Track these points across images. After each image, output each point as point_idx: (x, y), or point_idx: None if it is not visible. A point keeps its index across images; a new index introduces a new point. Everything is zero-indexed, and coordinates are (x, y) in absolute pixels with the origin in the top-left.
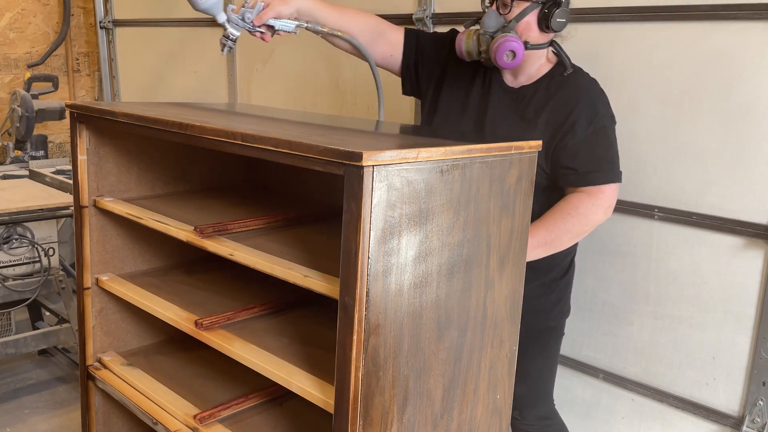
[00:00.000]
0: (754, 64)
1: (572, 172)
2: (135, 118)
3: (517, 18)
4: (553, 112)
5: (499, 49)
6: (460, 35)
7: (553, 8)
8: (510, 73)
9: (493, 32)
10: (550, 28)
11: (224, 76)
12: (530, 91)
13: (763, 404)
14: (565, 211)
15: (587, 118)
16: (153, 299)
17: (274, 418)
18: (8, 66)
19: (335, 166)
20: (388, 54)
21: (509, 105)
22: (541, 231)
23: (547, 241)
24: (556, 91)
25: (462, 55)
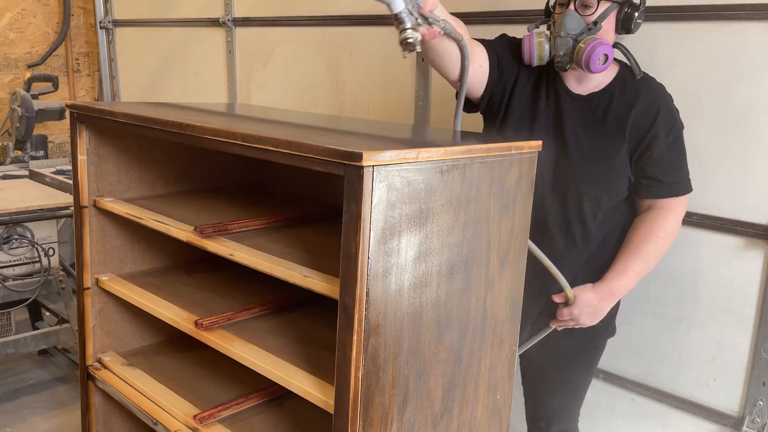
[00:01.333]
0: (754, 64)
1: (657, 184)
2: (135, 118)
3: (600, 19)
4: (636, 120)
5: (593, 54)
6: (528, 39)
7: (634, 10)
8: (575, 79)
9: (577, 35)
10: (629, 30)
11: (224, 76)
12: (604, 98)
13: (763, 404)
14: (655, 235)
15: (667, 126)
16: (153, 299)
17: (274, 418)
18: (8, 66)
19: (335, 166)
20: (477, 65)
21: (584, 114)
22: (638, 262)
23: (643, 272)
24: (636, 98)
25: (531, 60)
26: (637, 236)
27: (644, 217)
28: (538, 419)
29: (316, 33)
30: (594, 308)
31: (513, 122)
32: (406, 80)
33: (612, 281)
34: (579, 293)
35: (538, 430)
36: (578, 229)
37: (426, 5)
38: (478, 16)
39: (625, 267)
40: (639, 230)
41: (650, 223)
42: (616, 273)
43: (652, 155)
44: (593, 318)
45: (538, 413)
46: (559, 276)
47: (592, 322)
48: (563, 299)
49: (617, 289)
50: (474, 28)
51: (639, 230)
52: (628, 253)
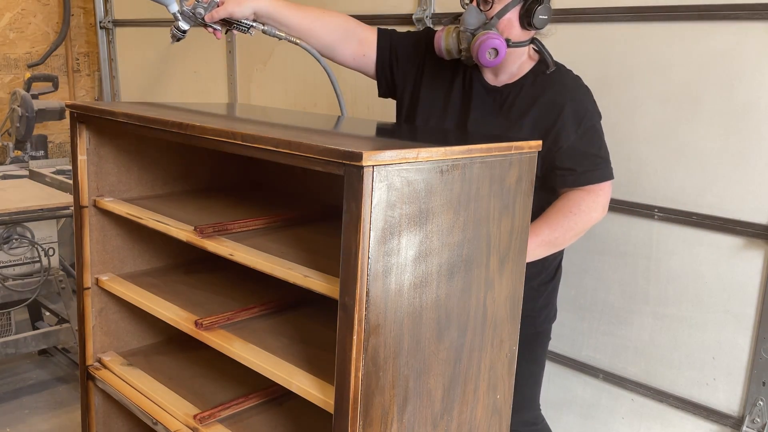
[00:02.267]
0: (754, 64)
1: (569, 173)
2: (135, 118)
3: (499, 15)
4: (540, 112)
5: (481, 47)
6: (438, 33)
7: (535, 5)
8: (491, 72)
9: (474, 29)
10: (532, 25)
11: (224, 76)
12: (514, 90)
13: (763, 404)
14: (567, 209)
15: (577, 118)
16: (153, 299)
17: (274, 418)
18: (8, 66)
19: (335, 166)
20: (360, 53)
21: (492, 104)
22: (545, 229)
23: (551, 240)
24: (543, 91)
25: (441, 54)
26: (550, 210)
27: (561, 197)
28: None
29: None
30: None
31: (423, 110)
32: None
33: None
34: None
35: None
36: None
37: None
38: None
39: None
40: (554, 205)
41: (565, 198)
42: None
43: (561, 147)
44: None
45: None
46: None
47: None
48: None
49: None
50: None
51: (554, 205)
52: (538, 222)
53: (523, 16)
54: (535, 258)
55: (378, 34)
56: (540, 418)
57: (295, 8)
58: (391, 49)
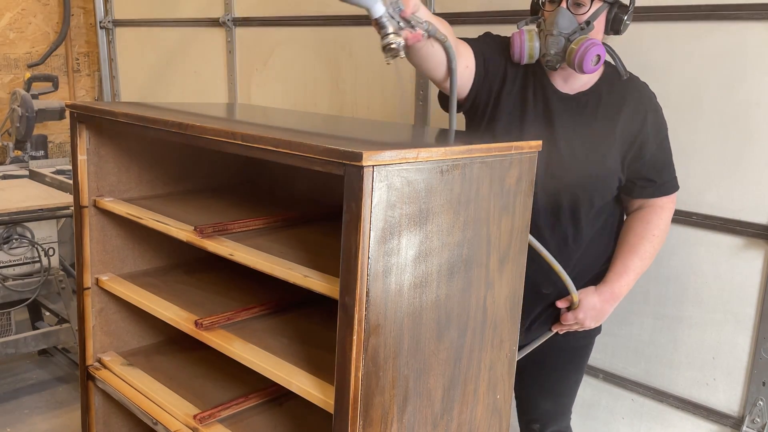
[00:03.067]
0: (754, 64)
1: (651, 184)
2: (135, 118)
3: (592, 19)
4: (625, 121)
5: (586, 54)
6: (517, 36)
7: (624, 11)
8: (561, 78)
9: (569, 34)
10: (619, 31)
11: (224, 76)
12: (592, 98)
13: (763, 404)
14: (651, 233)
15: (656, 127)
16: (153, 299)
17: (274, 418)
18: (8, 66)
19: (335, 166)
20: (464, 65)
21: (573, 114)
22: (637, 261)
23: (641, 271)
24: (624, 99)
25: (521, 58)
26: (632, 236)
27: (637, 217)
28: (531, 421)
29: (316, 33)
30: (598, 311)
31: (503, 123)
32: (406, 80)
33: (614, 283)
34: (582, 297)
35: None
36: (570, 231)
37: (407, 8)
38: (477, 16)
39: (625, 267)
40: (634, 230)
41: (645, 222)
42: (616, 274)
43: (645, 157)
44: (597, 320)
45: (531, 416)
46: (567, 279)
47: (596, 324)
48: (567, 303)
49: (619, 290)
50: (473, 27)
51: (634, 230)
52: (625, 253)
53: (612, 21)
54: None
55: (469, 44)
56: (570, 428)
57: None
58: (485, 59)
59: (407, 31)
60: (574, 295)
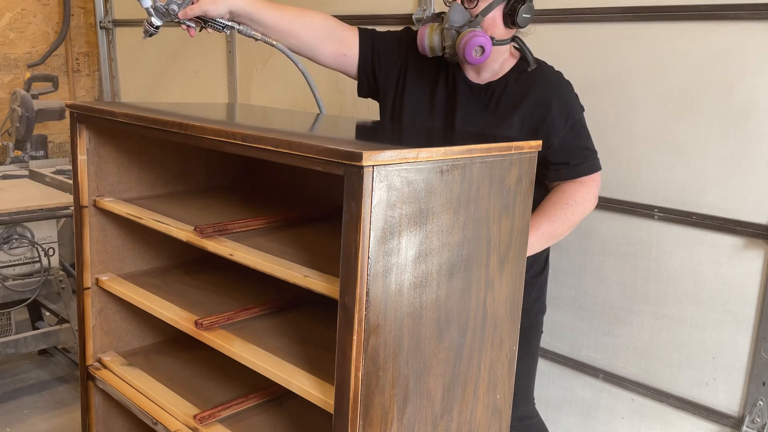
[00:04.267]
0: (754, 64)
1: (563, 167)
2: (135, 118)
3: (483, 13)
4: (528, 110)
5: (467, 45)
6: (421, 30)
7: (519, 4)
8: (473, 70)
9: (460, 27)
10: (516, 23)
11: (224, 76)
12: (499, 87)
13: (763, 404)
14: (563, 201)
15: (564, 113)
16: (153, 299)
17: (274, 418)
18: (8, 66)
19: (335, 166)
20: (341, 53)
21: (477, 102)
22: (544, 222)
23: (550, 233)
24: (528, 88)
25: (424, 51)
26: (546, 203)
27: (555, 189)
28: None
29: None
30: None
31: (409, 109)
32: None
33: None
34: None
35: None
36: None
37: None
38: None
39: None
40: (549, 198)
41: (560, 191)
42: None
43: (552, 144)
44: None
45: None
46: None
47: None
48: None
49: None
50: None
51: (549, 198)
52: (536, 216)
53: (507, 14)
54: (535, 251)
55: (359, 34)
56: (534, 412)
57: (274, 7)
58: (373, 49)
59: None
60: None
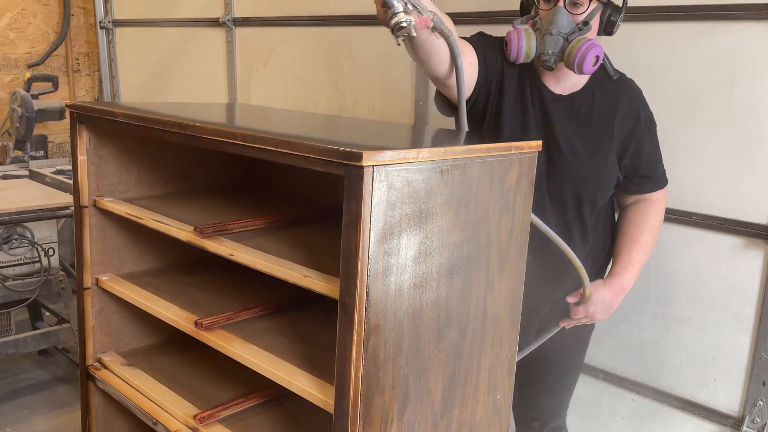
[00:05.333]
0: (754, 64)
1: (648, 180)
2: (135, 118)
3: (588, 19)
4: (621, 122)
5: (587, 55)
6: (515, 35)
7: (618, 12)
8: (553, 79)
9: (567, 34)
10: (612, 32)
11: (224, 76)
12: (585, 99)
13: (763, 404)
14: (651, 225)
15: (648, 124)
16: (153, 299)
17: (274, 418)
18: (8, 66)
19: (335, 166)
20: (468, 62)
21: (569, 114)
22: (640, 253)
23: (644, 261)
24: (617, 99)
25: (517, 57)
26: (633, 228)
27: (635, 210)
28: (530, 419)
29: (316, 33)
30: (608, 303)
31: (508, 125)
32: (406, 80)
33: (622, 275)
34: (592, 290)
35: (532, 430)
36: (578, 232)
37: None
38: (477, 16)
39: (630, 259)
40: (634, 222)
41: (644, 214)
42: (623, 266)
43: (642, 155)
44: (607, 313)
45: (530, 414)
46: (583, 271)
47: (605, 317)
48: (577, 298)
49: (627, 282)
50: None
51: (634, 222)
52: (629, 245)
53: (606, 22)
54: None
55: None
56: (565, 422)
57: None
58: (485, 58)
59: (415, 14)
60: (587, 289)
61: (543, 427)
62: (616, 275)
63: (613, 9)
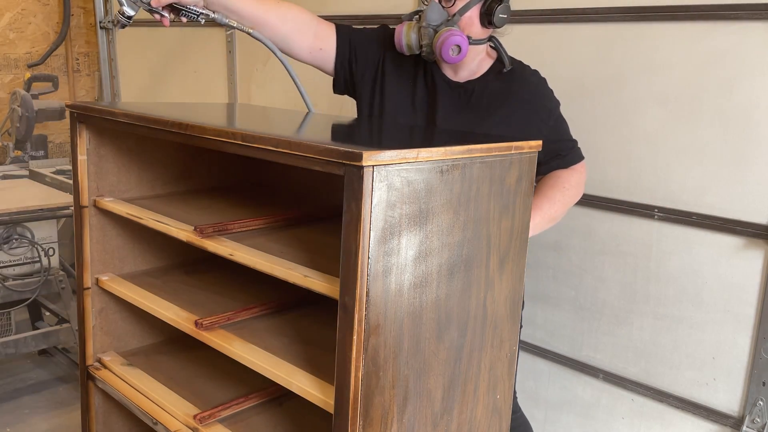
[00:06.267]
0: (754, 64)
1: (554, 159)
2: (135, 118)
3: (461, 12)
4: (511, 109)
5: (444, 44)
6: (399, 28)
7: (496, 4)
8: (451, 68)
9: (437, 26)
10: (492, 23)
11: (224, 76)
12: (478, 86)
13: (763, 404)
14: (560, 185)
15: (547, 110)
16: (153, 299)
17: (274, 418)
18: (8, 66)
19: (335, 166)
20: (317, 47)
21: (458, 100)
22: (545, 204)
23: (551, 215)
24: (509, 87)
25: (401, 49)
26: (544, 186)
27: (549, 175)
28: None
29: None
30: None
31: (391, 107)
32: None
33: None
34: None
35: None
36: None
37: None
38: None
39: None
40: (545, 182)
41: (554, 176)
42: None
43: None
44: None
45: None
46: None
47: None
48: None
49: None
50: None
51: (545, 182)
52: (536, 198)
53: (483, 14)
54: (536, 233)
55: (336, 29)
56: (517, 406)
57: None
58: (351, 44)
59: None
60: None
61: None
62: None
63: (493, 1)
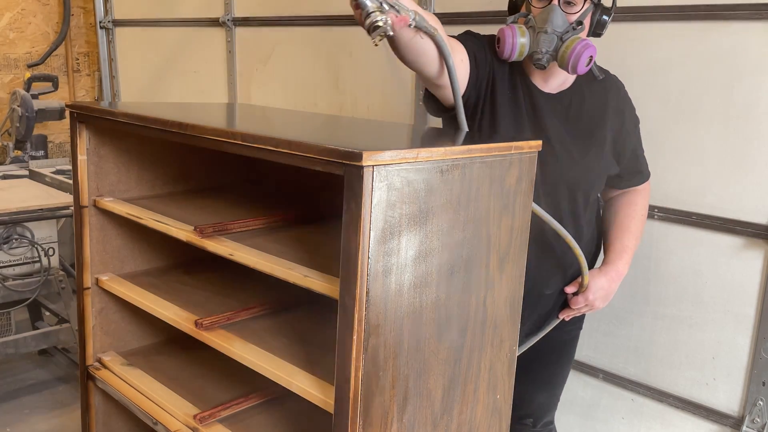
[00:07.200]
0: (754, 64)
1: (638, 175)
2: (135, 118)
3: (581, 19)
4: (611, 120)
5: (582, 55)
6: (508, 31)
7: (607, 13)
8: (541, 77)
9: (562, 33)
10: (601, 33)
11: (224, 76)
12: (575, 97)
13: (763, 404)
14: (638, 213)
15: (633, 121)
16: (153, 299)
17: (274, 418)
18: (8, 66)
19: (335, 166)
20: (459, 59)
21: (559, 113)
22: (632, 240)
23: (635, 248)
24: (605, 98)
25: (510, 55)
26: (623, 217)
27: (623, 200)
28: (524, 416)
29: (316, 33)
30: (606, 290)
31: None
32: (406, 80)
33: (617, 262)
34: (590, 279)
35: (525, 427)
36: (572, 230)
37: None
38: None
39: (623, 246)
40: (622, 211)
41: (632, 203)
42: (616, 254)
43: (628, 151)
44: (605, 300)
45: (524, 411)
46: (584, 261)
47: (605, 305)
48: (576, 287)
49: (622, 269)
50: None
51: (622, 211)
52: (620, 233)
53: (597, 23)
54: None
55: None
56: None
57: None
58: (475, 56)
59: (392, 13)
60: (586, 277)
61: (536, 423)
62: (611, 262)
63: (603, 10)
